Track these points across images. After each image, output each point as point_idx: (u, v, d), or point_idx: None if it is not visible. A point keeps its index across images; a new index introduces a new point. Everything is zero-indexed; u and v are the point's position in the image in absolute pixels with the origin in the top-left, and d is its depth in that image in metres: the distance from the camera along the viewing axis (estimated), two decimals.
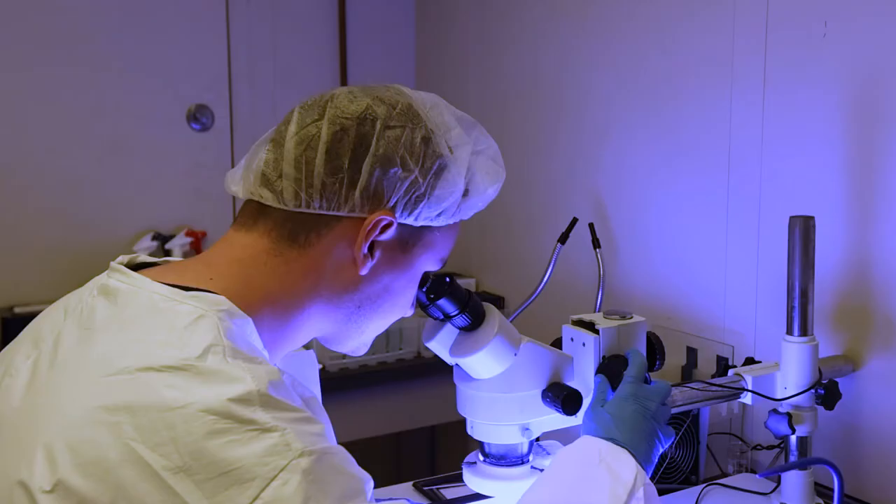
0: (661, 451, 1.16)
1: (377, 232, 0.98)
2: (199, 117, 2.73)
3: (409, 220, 1.00)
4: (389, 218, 0.98)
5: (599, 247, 2.04)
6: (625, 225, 2.12)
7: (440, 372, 2.50)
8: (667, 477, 1.65)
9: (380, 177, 0.97)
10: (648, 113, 2.02)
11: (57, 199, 2.64)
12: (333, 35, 2.94)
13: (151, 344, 0.84)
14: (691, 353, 1.90)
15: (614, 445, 1.10)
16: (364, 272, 1.00)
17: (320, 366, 2.32)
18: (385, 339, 2.47)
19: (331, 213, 0.97)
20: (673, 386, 1.42)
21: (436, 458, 2.92)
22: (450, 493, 1.63)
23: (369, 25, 3.02)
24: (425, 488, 1.65)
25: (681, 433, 1.65)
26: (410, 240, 1.02)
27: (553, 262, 1.96)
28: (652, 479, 1.11)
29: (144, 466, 0.77)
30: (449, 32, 2.92)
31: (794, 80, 1.65)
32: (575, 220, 1.98)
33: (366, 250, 0.99)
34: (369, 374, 2.43)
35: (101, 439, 0.79)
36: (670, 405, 1.23)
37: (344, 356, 2.40)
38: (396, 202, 0.98)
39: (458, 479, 1.56)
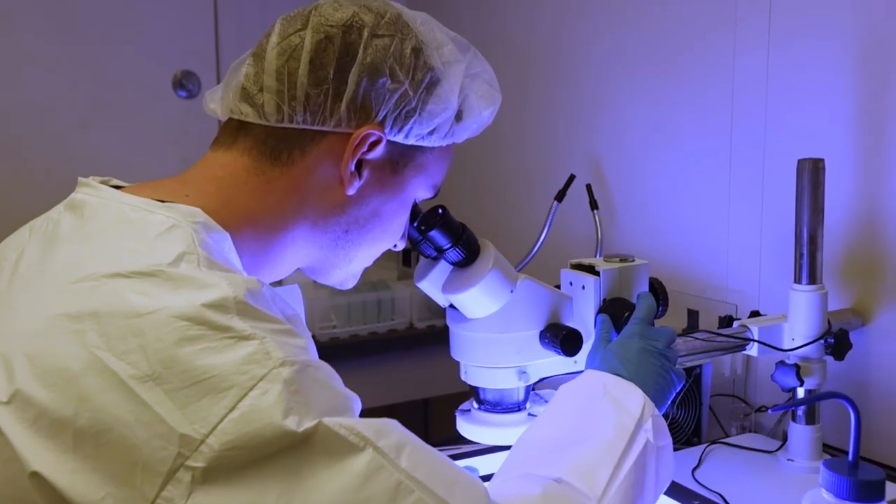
0: (673, 392, 1.09)
1: (365, 148, 0.92)
2: (185, 84, 2.66)
3: (400, 138, 0.94)
4: (378, 133, 0.92)
5: (597, 208, 1.98)
6: (623, 186, 2.06)
7: (434, 343, 2.47)
8: None
9: (367, 88, 0.91)
10: (649, 64, 1.95)
11: (39, 166, 2.57)
12: None
13: (119, 251, 0.78)
14: (692, 315, 1.84)
15: (620, 378, 1.04)
16: (351, 192, 0.93)
17: (309, 333, 2.28)
18: (377, 309, 2.40)
19: (315, 127, 0.91)
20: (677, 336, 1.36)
21: (429, 431, 2.85)
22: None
23: None
24: None
25: (682, 393, 1.59)
26: (401, 160, 0.96)
27: (549, 220, 1.90)
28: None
29: (110, 375, 0.71)
30: None
31: (800, 26, 1.58)
32: (572, 178, 1.92)
33: (353, 168, 0.92)
34: (360, 345, 2.36)
35: (64, 348, 0.72)
36: (675, 354, 1.15)
37: (334, 325, 2.34)
38: (385, 116, 0.92)
39: (453, 441, 1.51)
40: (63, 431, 0.70)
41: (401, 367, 2.44)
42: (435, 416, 2.76)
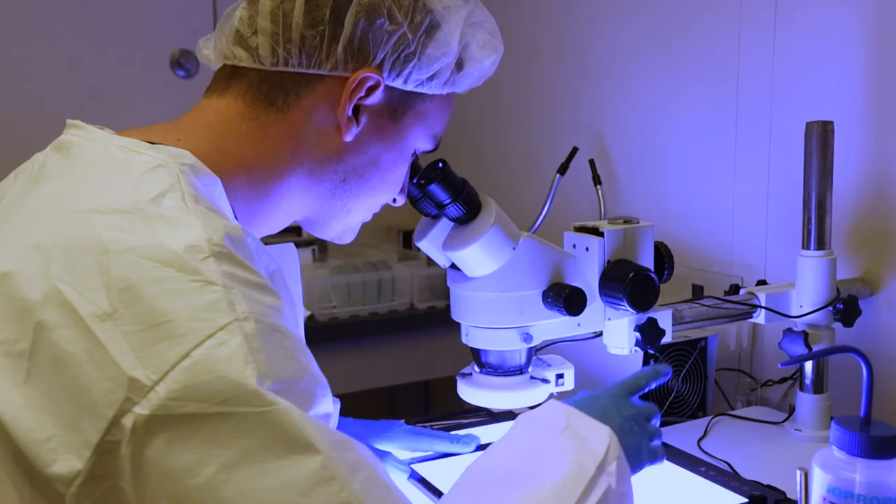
0: (644, 462, 0.96)
1: (362, 93, 0.89)
2: (183, 63, 2.62)
3: (398, 83, 0.91)
4: (376, 76, 0.89)
5: (600, 183, 1.95)
6: (626, 160, 2.03)
7: (435, 325, 2.44)
8: (673, 410, 1.56)
9: (364, 29, 0.88)
10: (654, 31, 1.92)
11: (37, 148, 2.53)
12: None
13: (101, 188, 0.76)
14: (697, 290, 1.81)
15: (585, 414, 0.92)
16: (349, 139, 0.91)
17: (308, 312, 2.25)
18: (377, 289, 2.37)
19: (311, 71, 0.89)
20: (681, 302, 1.34)
21: (430, 415, 2.82)
22: None
23: None
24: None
25: (688, 366, 1.57)
26: (400, 107, 0.93)
27: (552, 194, 1.87)
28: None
29: (69, 311, 0.68)
30: None
31: None
32: (575, 150, 1.89)
33: (350, 113, 0.90)
34: (360, 325, 2.33)
35: (27, 277, 0.70)
36: (656, 431, 1.02)
37: (334, 305, 2.31)
38: (384, 60, 0.89)
39: (453, 416, 1.49)
40: (18, 364, 0.68)
41: (401, 349, 2.41)
42: (436, 399, 2.74)
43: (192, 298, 0.68)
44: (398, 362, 2.43)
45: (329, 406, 0.76)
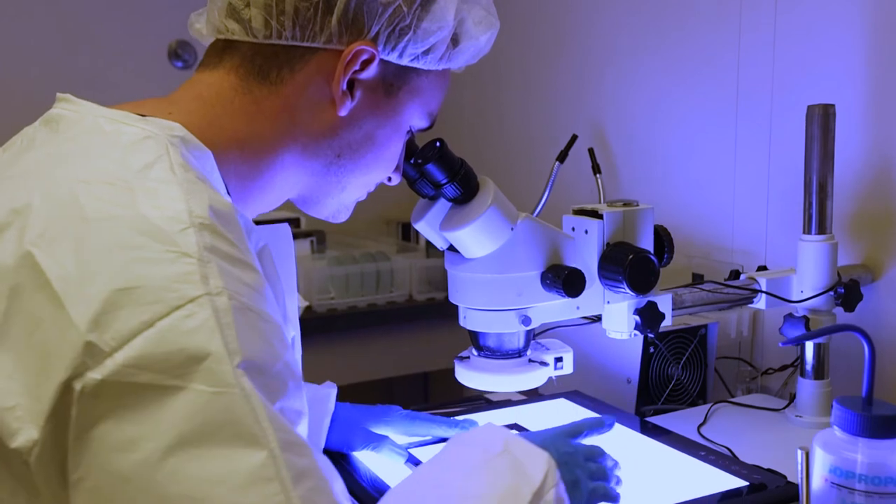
0: (583, 492, 0.93)
1: (357, 66, 0.88)
2: (180, 54, 2.62)
3: (393, 57, 0.90)
4: (371, 50, 0.88)
5: (599, 172, 1.94)
6: (625, 149, 2.02)
7: (434, 316, 2.43)
8: (673, 398, 1.55)
9: (359, 2, 0.87)
10: (654, 16, 1.91)
11: None
12: None
13: (87, 158, 0.75)
14: (697, 279, 1.80)
15: (524, 440, 0.89)
16: (343, 113, 0.89)
17: (307, 303, 2.24)
18: (375, 281, 2.36)
19: (305, 44, 0.87)
20: (682, 287, 1.32)
21: (428, 407, 2.80)
22: None
23: None
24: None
25: (688, 353, 1.55)
26: (395, 82, 0.92)
27: (551, 182, 1.86)
28: (647, 414, 0.95)
29: (39, 274, 0.66)
30: None
31: None
32: (574, 137, 1.88)
33: (345, 86, 0.88)
34: (358, 316, 2.32)
35: (3, 243, 0.69)
36: (600, 471, 0.99)
37: (332, 296, 2.30)
38: (378, 33, 0.88)
39: (452, 405, 1.47)
40: None
41: (400, 340, 2.40)
42: (434, 391, 2.72)
43: (164, 268, 0.66)
44: (397, 354, 2.41)
45: (301, 405, 0.73)
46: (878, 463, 0.89)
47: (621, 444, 1.26)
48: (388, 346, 2.39)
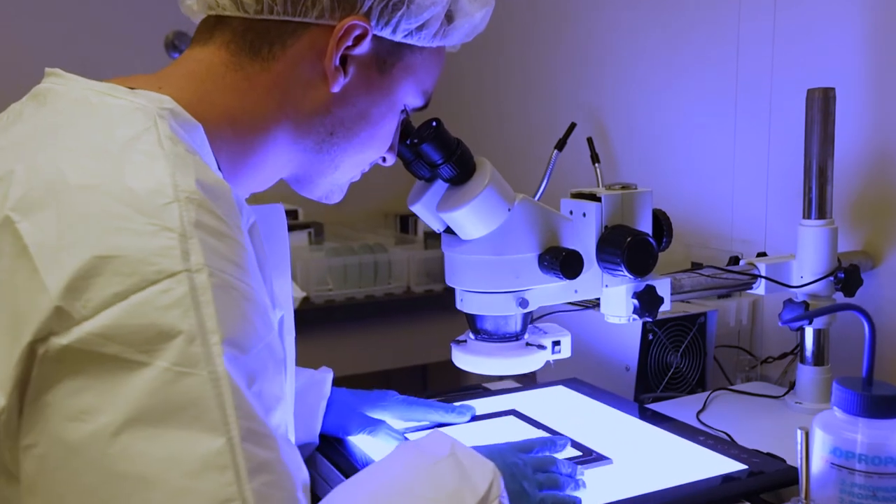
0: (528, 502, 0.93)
1: (350, 42, 0.87)
2: (178, 45, 2.59)
3: (387, 33, 0.89)
4: (363, 25, 0.87)
5: (598, 161, 1.93)
6: (624, 138, 2.01)
7: (432, 308, 2.42)
8: (672, 386, 1.54)
9: None
10: (653, 3, 1.90)
11: None
12: None
13: (72, 129, 0.73)
14: (696, 268, 1.78)
15: (471, 449, 0.88)
16: (336, 89, 0.88)
17: (304, 294, 2.23)
18: (373, 272, 2.35)
19: (297, 19, 0.86)
20: (681, 272, 1.31)
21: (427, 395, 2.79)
22: None
23: None
24: None
25: (687, 341, 1.54)
26: (389, 59, 0.91)
27: (549, 170, 1.85)
28: (646, 401, 0.95)
29: (17, 239, 0.65)
30: None
31: None
32: (573, 126, 1.87)
33: (337, 62, 0.87)
34: (356, 307, 2.31)
35: None
36: (551, 481, 0.98)
37: (330, 287, 2.29)
38: (371, 7, 0.87)
39: (450, 393, 1.46)
40: None
41: (398, 332, 2.39)
42: (433, 383, 2.71)
43: (144, 241, 0.65)
44: (395, 345, 2.40)
45: (280, 390, 0.71)
46: (878, 443, 0.88)
47: (620, 429, 1.25)
48: (385, 338, 2.38)
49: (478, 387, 1.53)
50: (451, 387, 1.67)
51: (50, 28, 2.54)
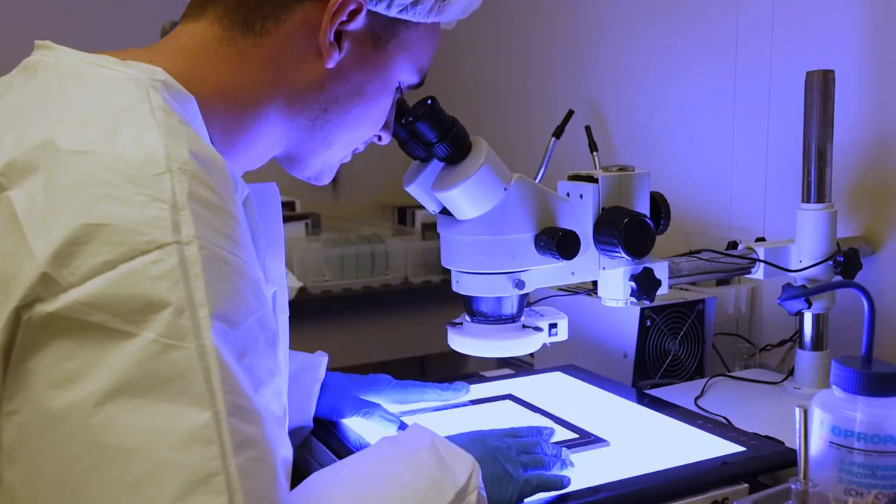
0: (509, 483, 0.92)
1: (344, 17, 0.86)
2: None
3: (381, 8, 0.88)
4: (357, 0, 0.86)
5: (596, 150, 1.91)
6: (621, 126, 2.00)
7: (429, 299, 2.41)
8: (670, 373, 1.53)
9: None
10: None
11: None
12: None
13: (63, 100, 0.72)
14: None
15: (450, 442, 0.90)
16: (330, 65, 0.87)
17: (301, 284, 2.22)
18: (370, 262, 2.34)
19: None
20: (679, 256, 1.31)
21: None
22: None
23: None
24: None
25: (685, 328, 1.53)
26: (384, 34, 0.90)
27: (547, 158, 1.83)
28: (644, 388, 0.94)
29: (7, 206, 0.64)
30: None
31: None
32: (570, 113, 1.86)
33: (332, 37, 0.86)
34: (353, 299, 2.30)
35: None
36: (536, 461, 0.97)
37: (327, 278, 2.28)
38: None
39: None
40: None
41: (396, 324, 2.38)
42: (430, 374, 2.71)
43: (135, 211, 0.64)
44: (392, 336, 2.39)
45: (274, 364, 0.70)
46: (877, 422, 0.87)
47: (617, 413, 1.25)
48: (383, 329, 2.37)
49: (475, 375, 1.52)
50: (449, 376, 1.66)
51: (45, 17, 2.53)
